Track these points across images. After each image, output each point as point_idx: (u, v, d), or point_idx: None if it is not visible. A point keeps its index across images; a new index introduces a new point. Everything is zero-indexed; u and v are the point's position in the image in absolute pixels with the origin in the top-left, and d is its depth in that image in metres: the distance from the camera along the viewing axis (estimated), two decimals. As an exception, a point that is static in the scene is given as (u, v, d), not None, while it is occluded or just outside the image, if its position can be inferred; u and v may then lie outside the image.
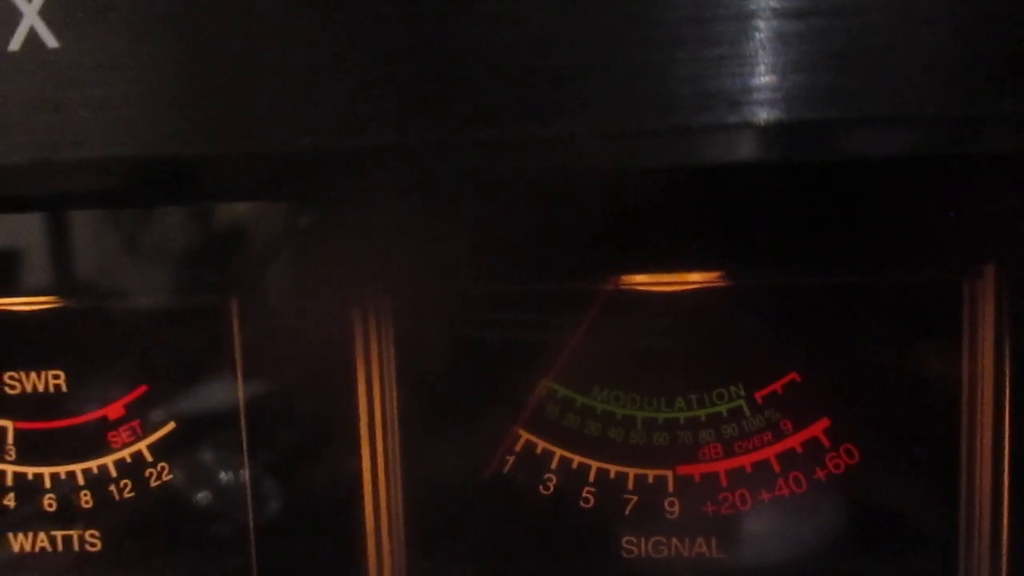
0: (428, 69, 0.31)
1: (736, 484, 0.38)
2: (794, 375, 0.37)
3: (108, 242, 0.39)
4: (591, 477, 0.38)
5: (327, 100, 0.31)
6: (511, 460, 0.38)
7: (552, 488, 0.38)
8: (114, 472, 0.40)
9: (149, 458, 0.40)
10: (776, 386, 0.37)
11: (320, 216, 0.38)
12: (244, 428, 0.39)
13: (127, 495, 0.40)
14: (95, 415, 0.40)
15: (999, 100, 0.29)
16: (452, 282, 0.38)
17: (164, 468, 0.40)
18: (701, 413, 0.37)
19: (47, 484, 0.41)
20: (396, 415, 0.39)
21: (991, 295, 0.35)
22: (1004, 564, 0.36)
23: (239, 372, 0.39)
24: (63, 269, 0.39)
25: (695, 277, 0.37)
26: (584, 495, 0.38)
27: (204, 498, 0.40)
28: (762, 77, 0.29)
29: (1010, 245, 0.34)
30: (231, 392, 0.39)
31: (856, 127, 0.30)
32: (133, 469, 0.40)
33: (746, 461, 0.37)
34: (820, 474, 0.37)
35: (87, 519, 0.41)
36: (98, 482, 0.40)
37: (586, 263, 0.37)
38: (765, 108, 0.29)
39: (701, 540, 0.38)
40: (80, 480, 0.40)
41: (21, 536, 0.41)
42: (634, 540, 0.38)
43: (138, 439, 0.40)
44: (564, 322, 0.38)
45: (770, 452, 0.37)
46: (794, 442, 0.37)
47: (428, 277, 0.38)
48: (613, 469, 0.38)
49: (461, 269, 0.38)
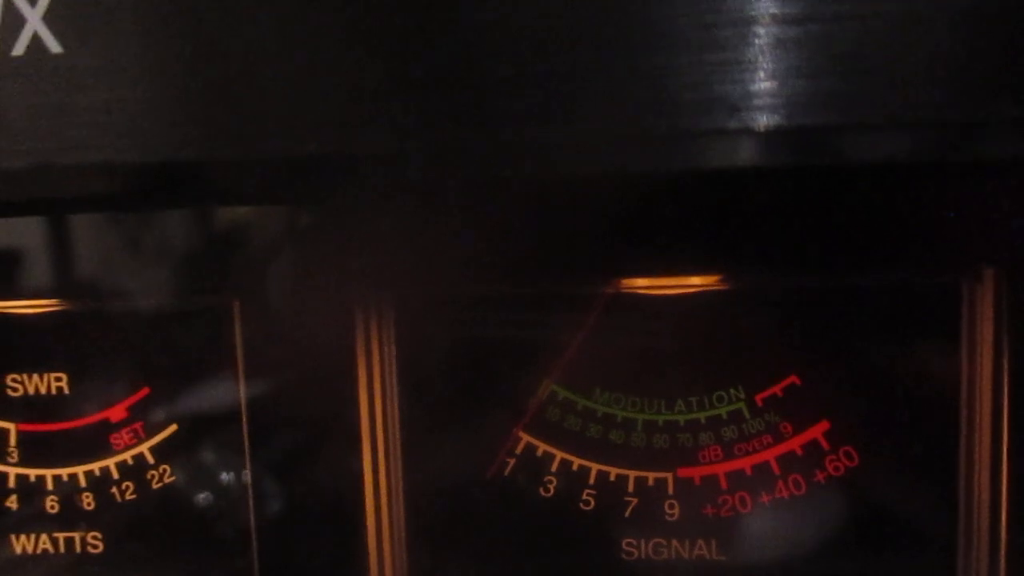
0: (430, 74, 0.31)
1: (736, 486, 0.38)
2: (794, 378, 0.37)
3: (110, 244, 0.39)
4: (591, 479, 0.38)
5: (330, 105, 0.31)
6: (512, 462, 0.39)
7: (553, 490, 0.39)
8: (116, 474, 0.40)
9: (151, 460, 0.40)
10: (776, 389, 0.37)
11: (322, 218, 0.38)
12: (246, 429, 0.39)
13: (129, 497, 0.41)
14: (97, 417, 0.40)
15: (998, 105, 0.30)
16: (454, 284, 0.38)
17: (166, 470, 0.40)
18: (701, 416, 0.38)
19: (49, 486, 0.41)
20: (397, 416, 0.39)
21: (990, 298, 0.35)
22: (1002, 565, 0.36)
23: (240, 374, 0.39)
24: (65, 272, 0.39)
25: (695, 280, 0.37)
26: (584, 497, 0.38)
27: (206, 499, 0.40)
28: (763, 83, 0.30)
29: (1009, 248, 0.35)
30: (232, 393, 0.39)
31: (856, 132, 0.30)
32: (135, 471, 0.40)
33: (746, 463, 0.38)
34: (819, 476, 0.37)
35: (89, 521, 0.41)
36: (100, 484, 0.41)
37: (587, 266, 0.37)
38: (766, 113, 0.30)
39: (701, 542, 0.38)
40: (82, 482, 0.41)
41: (23, 537, 0.41)
42: (634, 542, 0.38)
43: (140, 441, 0.40)
44: (565, 325, 0.38)
45: (770, 454, 0.37)
46: (794, 444, 0.37)
47: (429, 279, 0.38)
48: (613, 471, 0.38)
49: (463, 271, 0.38)
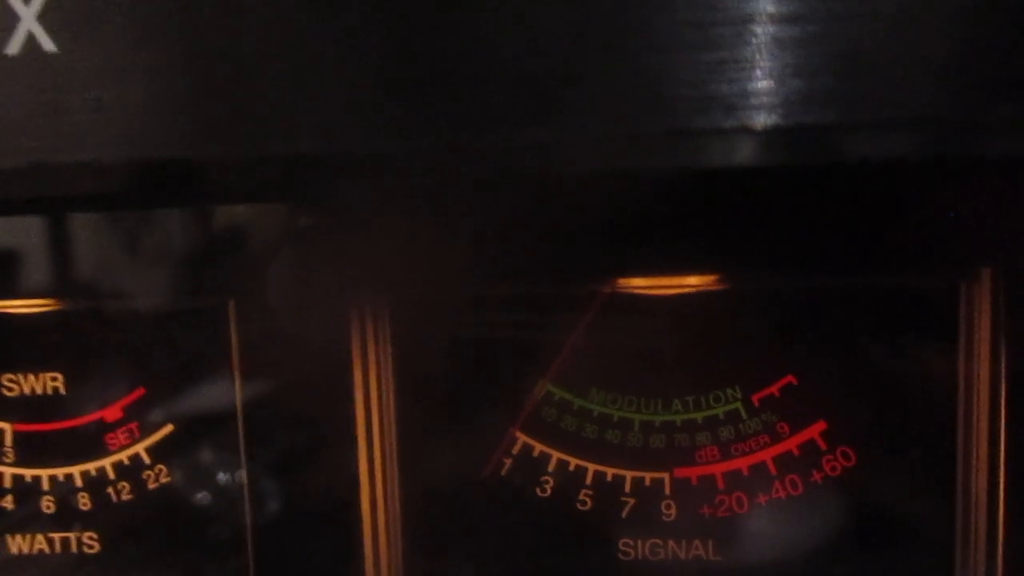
0: (427, 73, 0.31)
1: (733, 486, 0.38)
2: (790, 378, 0.37)
3: (106, 244, 0.39)
4: (588, 479, 0.38)
5: (326, 104, 0.31)
6: (509, 462, 0.39)
7: (549, 490, 0.38)
8: (112, 474, 0.40)
9: (147, 460, 0.40)
10: (773, 389, 0.37)
11: (318, 218, 0.38)
12: (242, 430, 0.39)
13: (125, 497, 0.40)
14: (93, 417, 0.40)
15: (996, 104, 0.30)
16: (450, 284, 0.38)
17: (162, 470, 0.40)
18: (698, 416, 0.38)
19: (45, 486, 0.41)
20: (394, 417, 0.39)
21: (987, 298, 0.35)
22: (999, 565, 0.36)
23: (237, 374, 0.39)
24: (61, 272, 0.39)
25: (692, 280, 0.37)
26: (581, 497, 0.38)
27: (202, 500, 0.40)
28: (760, 81, 0.29)
29: (1007, 249, 0.35)
30: (228, 394, 0.39)
31: (853, 132, 0.30)
32: (131, 471, 0.40)
33: (743, 464, 0.38)
34: (817, 477, 0.37)
35: (85, 521, 0.41)
36: (96, 484, 0.40)
37: (583, 265, 0.37)
38: (763, 112, 0.30)
39: (698, 542, 0.38)
40: (78, 482, 0.41)
41: (19, 538, 0.41)
42: (631, 542, 0.38)
43: (136, 441, 0.40)
44: (561, 324, 0.38)
45: (767, 455, 0.37)
46: (791, 445, 0.37)
47: (426, 279, 0.38)
48: (610, 471, 0.38)
49: (459, 271, 0.38)
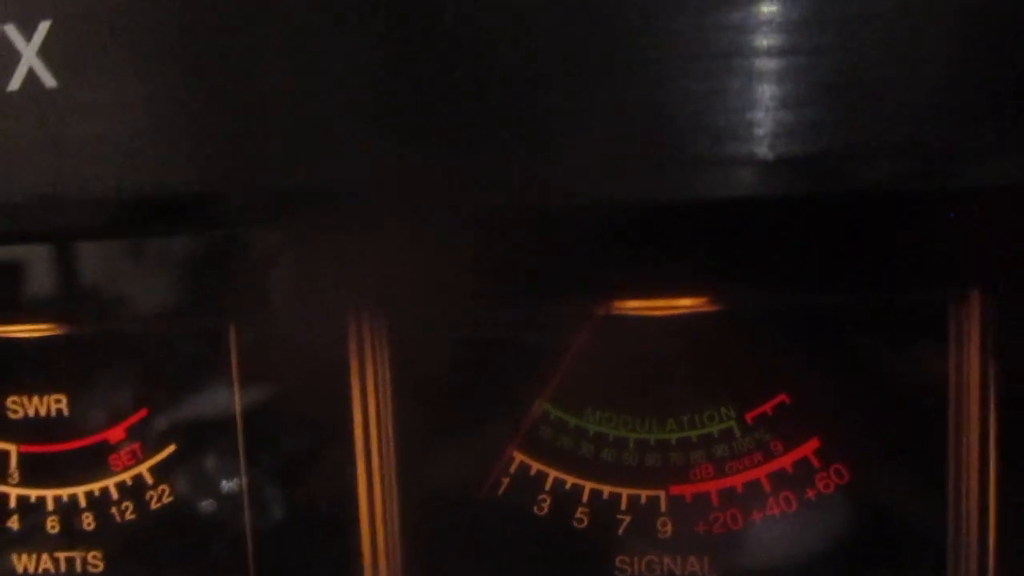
0: (423, 102, 0.31)
1: (727, 504, 0.38)
2: (783, 397, 0.38)
3: (106, 270, 0.40)
4: (584, 498, 0.39)
5: (322, 134, 0.32)
6: (506, 481, 0.39)
7: (547, 508, 0.39)
8: (115, 494, 0.41)
9: (150, 480, 0.41)
10: (766, 407, 0.38)
11: (316, 238, 0.39)
12: (242, 447, 0.40)
13: (128, 516, 0.41)
14: (97, 438, 0.41)
15: (982, 131, 0.30)
16: (447, 303, 0.39)
17: (164, 490, 0.41)
18: (692, 434, 0.38)
19: (50, 506, 0.41)
20: (392, 433, 0.39)
21: (976, 319, 0.36)
22: (991, 581, 0.37)
23: (237, 394, 0.39)
24: (64, 296, 0.40)
25: (685, 301, 0.37)
26: (578, 515, 0.39)
27: (204, 518, 0.41)
28: (752, 112, 0.30)
29: (994, 270, 0.35)
30: (229, 414, 0.40)
31: (843, 160, 0.31)
32: (134, 491, 0.41)
33: (737, 481, 0.38)
34: (810, 493, 0.38)
35: (89, 540, 0.41)
36: (100, 504, 0.41)
37: (579, 287, 0.38)
38: (755, 143, 0.30)
39: (693, 559, 0.39)
40: (82, 502, 0.41)
41: (25, 556, 0.42)
42: (627, 559, 0.39)
43: (139, 462, 0.41)
44: (558, 344, 0.38)
45: (761, 472, 0.38)
46: (784, 462, 0.38)
47: (423, 298, 0.39)
48: (606, 490, 0.39)
49: (457, 290, 0.38)
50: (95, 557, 0.42)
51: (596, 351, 0.38)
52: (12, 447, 0.41)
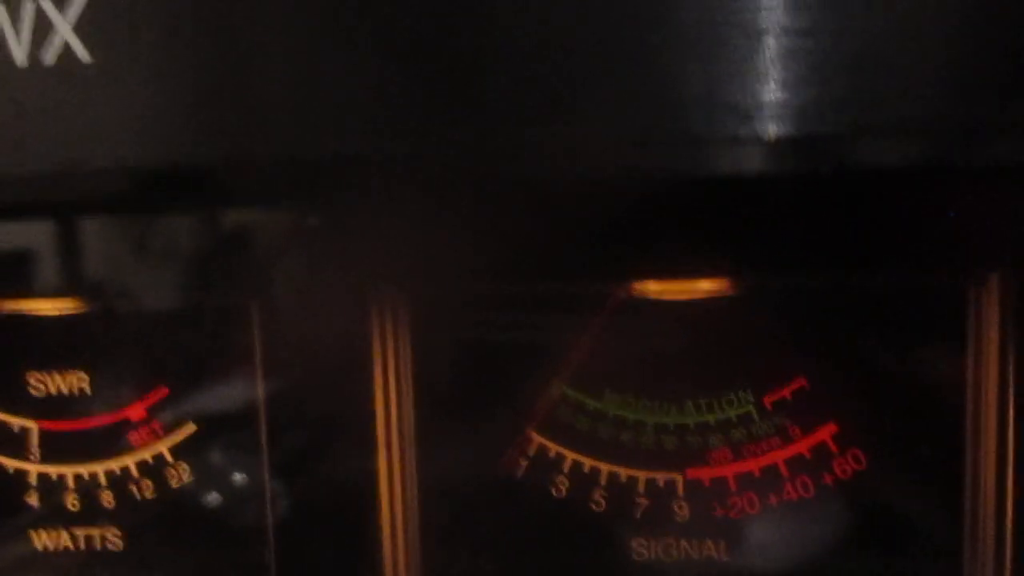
0: (442, 76, 0.32)
1: (744, 488, 0.38)
2: (802, 381, 0.38)
3: (130, 246, 0.40)
4: (602, 480, 0.39)
5: (342, 108, 0.32)
6: (524, 463, 0.39)
7: (564, 491, 0.39)
8: (135, 472, 0.41)
9: (169, 459, 0.41)
10: (784, 392, 0.38)
11: (338, 217, 0.39)
12: (263, 428, 0.40)
13: (148, 495, 0.41)
14: (117, 416, 0.41)
15: (1004, 109, 0.30)
16: (468, 284, 0.39)
17: (184, 469, 0.41)
18: (711, 418, 0.38)
19: (70, 483, 0.42)
20: (412, 416, 0.39)
21: (996, 302, 0.36)
22: (1008, 567, 0.36)
23: (259, 373, 0.40)
24: (86, 273, 0.40)
25: (705, 284, 0.38)
26: (595, 498, 0.39)
27: (223, 497, 0.41)
28: (772, 91, 0.30)
29: (1015, 253, 0.35)
30: (251, 393, 0.40)
31: (864, 138, 0.31)
32: (154, 469, 0.41)
33: (754, 465, 0.38)
34: (827, 479, 0.38)
35: (109, 518, 0.42)
36: (120, 482, 0.41)
37: (599, 268, 0.38)
38: (775, 121, 0.30)
39: (710, 543, 0.39)
40: (102, 480, 0.41)
41: (44, 534, 0.42)
42: (644, 542, 0.39)
43: (159, 440, 0.41)
44: (577, 327, 0.39)
45: (778, 457, 0.38)
46: (802, 447, 0.38)
47: (444, 279, 0.39)
48: (624, 472, 0.39)
49: (478, 272, 0.38)
50: (114, 535, 0.42)
51: (615, 334, 0.38)
52: (33, 424, 0.41)
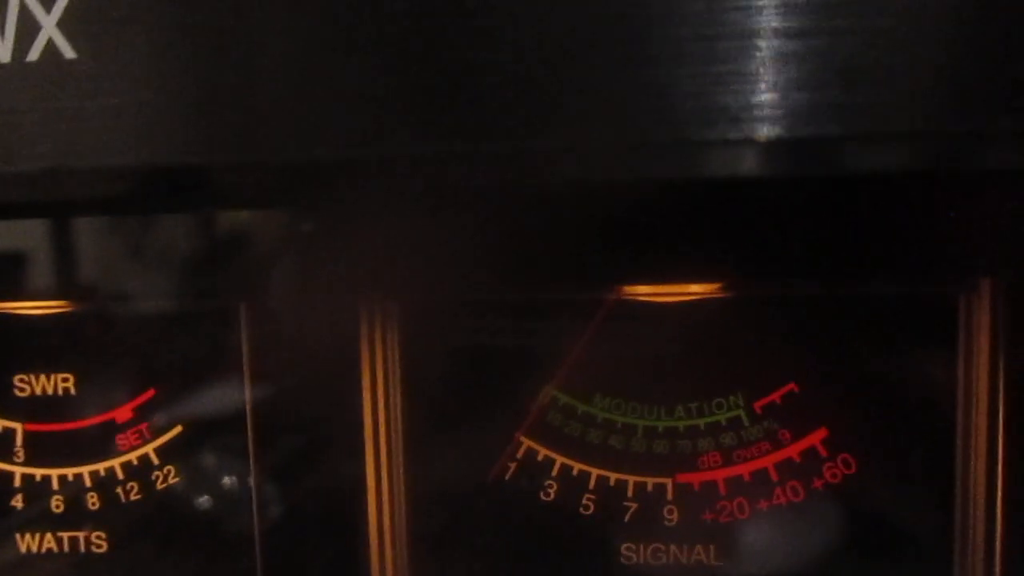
0: (436, 82, 0.31)
1: (734, 493, 0.38)
2: (792, 386, 0.38)
3: (118, 247, 0.40)
4: (591, 484, 0.39)
5: (334, 112, 0.32)
6: (513, 467, 0.39)
7: (553, 495, 0.39)
8: (121, 474, 0.41)
9: (156, 461, 0.41)
10: (775, 396, 0.38)
11: (328, 222, 0.39)
12: (250, 432, 0.39)
13: (134, 497, 0.41)
14: (103, 418, 0.41)
15: (995, 117, 0.30)
16: (457, 289, 0.39)
17: (170, 471, 0.41)
18: (700, 422, 0.38)
19: (55, 486, 0.41)
20: (400, 420, 0.39)
21: (987, 308, 0.36)
22: (997, 572, 0.36)
23: (246, 376, 0.39)
24: (73, 274, 0.40)
25: (695, 288, 0.37)
26: (584, 502, 0.39)
27: (210, 501, 0.41)
28: (764, 94, 0.30)
29: (1005, 260, 0.35)
30: (238, 396, 0.40)
31: (856, 143, 0.31)
32: (140, 472, 0.41)
33: (744, 470, 0.38)
34: (817, 483, 0.38)
35: (94, 521, 0.41)
36: (105, 484, 0.41)
37: (589, 272, 0.38)
38: (767, 125, 0.30)
39: (699, 548, 0.39)
40: (88, 482, 0.41)
41: (28, 536, 0.42)
42: (633, 547, 0.39)
43: (145, 442, 0.41)
44: (566, 331, 0.38)
45: (768, 461, 0.38)
46: (792, 452, 0.38)
47: (433, 284, 0.39)
48: (613, 476, 0.39)
49: (466, 276, 0.38)
50: (99, 537, 0.41)
51: (605, 337, 0.38)
52: (18, 425, 0.41)
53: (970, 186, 0.34)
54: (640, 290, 0.38)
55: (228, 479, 0.40)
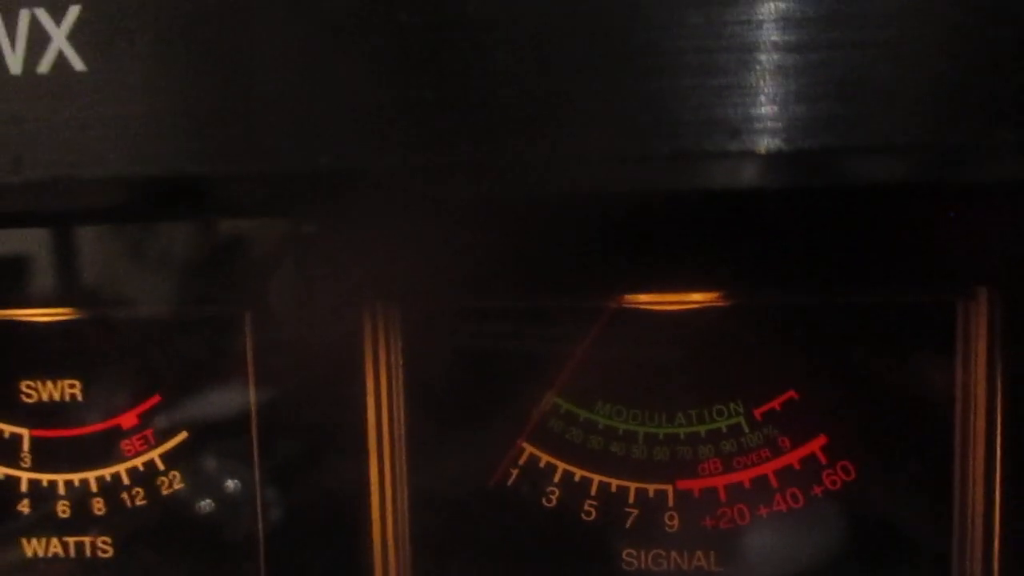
0: (437, 92, 0.32)
1: (734, 499, 0.38)
2: (792, 393, 0.38)
3: (123, 255, 0.40)
4: (593, 490, 0.39)
5: (336, 122, 0.32)
6: (515, 473, 0.39)
7: (555, 500, 0.39)
8: (126, 480, 0.41)
9: (161, 467, 0.41)
10: (774, 403, 0.38)
11: (330, 229, 0.39)
12: (255, 437, 0.40)
13: (139, 502, 0.41)
14: (109, 424, 0.41)
15: (991, 129, 0.30)
16: (460, 296, 0.39)
17: (175, 476, 0.41)
18: (701, 429, 0.38)
19: (61, 491, 0.42)
20: (403, 426, 0.40)
21: (984, 316, 0.36)
22: (996, 579, 0.37)
23: (251, 382, 0.40)
24: (80, 281, 0.40)
25: (696, 296, 0.38)
26: (586, 508, 0.39)
27: (214, 506, 0.41)
28: (763, 107, 0.30)
29: (1002, 268, 0.35)
30: (243, 402, 0.40)
31: (854, 155, 0.31)
32: (145, 477, 0.41)
33: (744, 477, 0.38)
34: (817, 490, 0.38)
35: (99, 526, 0.42)
36: (111, 489, 0.41)
37: (591, 281, 0.38)
38: (766, 136, 0.30)
39: (700, 554, 0.39)
40: (93, 487, 0.41)
41: (35, 541, 0.42)
42: (634, 553, 0.39)
43: (150, 448, 0.41)
44: (568, 338, 0.39)
45: (768, 468, 0.38)
46: (792, 459, 0.38)
47: (436, 291, 0.39)
48: (614, 483, 0.39)
49: (469, 284, 0.38)
50: (104, 542, 0.42)
51: (607, 345, 0.38)
52: (25, 431, 0.41)
53: (967, 196, 0.35)
54: (641, 298, 0.38)
55: (232, 484, 0.41)
